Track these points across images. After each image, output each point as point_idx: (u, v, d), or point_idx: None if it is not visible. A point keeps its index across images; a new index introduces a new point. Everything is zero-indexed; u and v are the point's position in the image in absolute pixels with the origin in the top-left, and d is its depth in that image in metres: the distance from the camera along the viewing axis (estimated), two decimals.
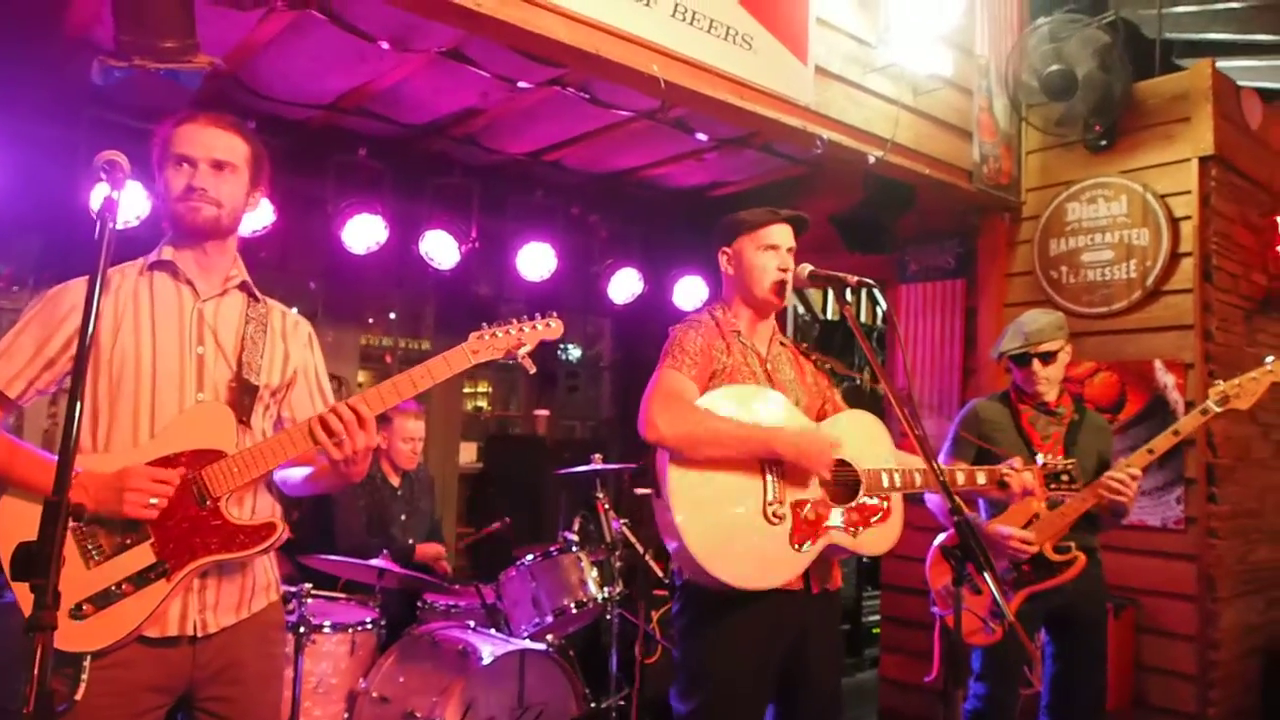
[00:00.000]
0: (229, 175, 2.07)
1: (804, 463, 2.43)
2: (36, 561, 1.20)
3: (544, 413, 6.24)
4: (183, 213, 2.03)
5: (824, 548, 2.50)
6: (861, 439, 2.62)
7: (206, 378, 2.04)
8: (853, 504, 2.54)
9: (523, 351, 2.23)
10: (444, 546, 4.71)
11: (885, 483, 2.56)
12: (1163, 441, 3.20)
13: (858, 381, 7.14)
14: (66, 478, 1.28)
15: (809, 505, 2.49)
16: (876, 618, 5.85)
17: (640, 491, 4.40)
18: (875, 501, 2.59)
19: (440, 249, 4.94)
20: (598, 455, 4.49)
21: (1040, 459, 2.91)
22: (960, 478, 2.74)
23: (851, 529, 2.54)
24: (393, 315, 6.27)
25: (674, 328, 2.65)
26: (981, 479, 2.76)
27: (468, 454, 6.18)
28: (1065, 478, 2.93)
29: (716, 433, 2.40)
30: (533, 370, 2.28)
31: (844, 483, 2.55)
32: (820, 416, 2.71)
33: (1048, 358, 3.34)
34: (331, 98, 4.36)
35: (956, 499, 2.25)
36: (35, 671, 1.13)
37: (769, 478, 2.45)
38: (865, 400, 6.62)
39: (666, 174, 5.46)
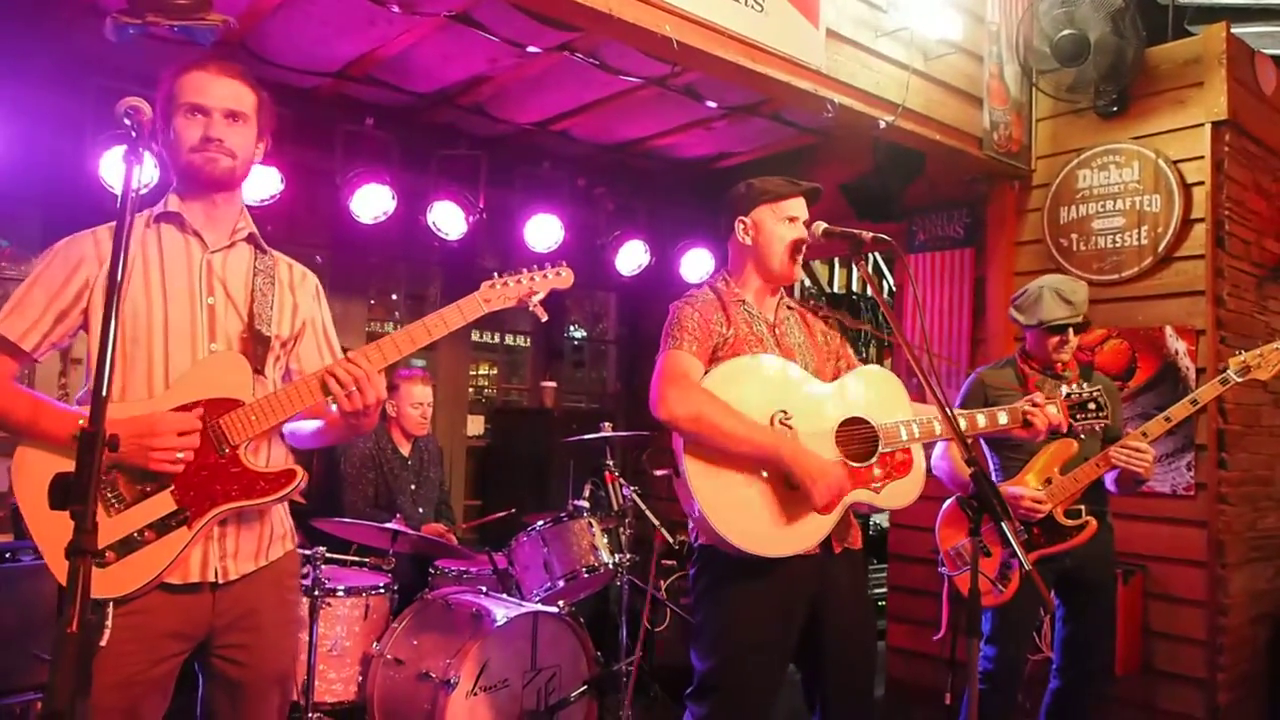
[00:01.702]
0: (241, 126, 2.06)
1: (804, 481, 2.39)
2: (75, 489, 1.20)
3: (551, 384, 6.24)
4: (200, 164, 2.01)
5: (849, 506, 2.51)
6: (876, 395, 2.61)
7: (218, 328, 2.04)
8: (872, 460, 2.53)
9: (535, 300, 2.23)
10: (449, 527, 4.71)
11: (904, 435, 2.55)
12: (1180, 410, 3.21)
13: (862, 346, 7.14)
14: (102, 409, 1.28)
15: None
16: (883, 590, 5.87)
17: (659, 472, 4.42)
18: (896, 455, 2.57)
19: (448, 220, 4.93)
20: (607, 424, 4.49)
21: (1064, 390, 2.82)
22: (981, 420, 2.68)
23: (874, 485, 2.54)
24: (401, 289, 6.28)
25: (673, 305, 2.64)
26: (1004, 419, 2.69)
27: (475, 427, 6.18)
28: (1092, 406, 2.82)
29: (724, 428, 2.40)
30: (544, 318, 2.28)
31: (862, 440, 2.55)
32: (834, 375, 2.70)
33: (1082, 327, 3.36)
34: (340, 65, 4.34)
35: (970, 450, 2.26)
36: (77, 594, 1.14)
37: None
38: None
39: (674, 144, 5.44)
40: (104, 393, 1.32)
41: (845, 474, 2.47)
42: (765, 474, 2.44)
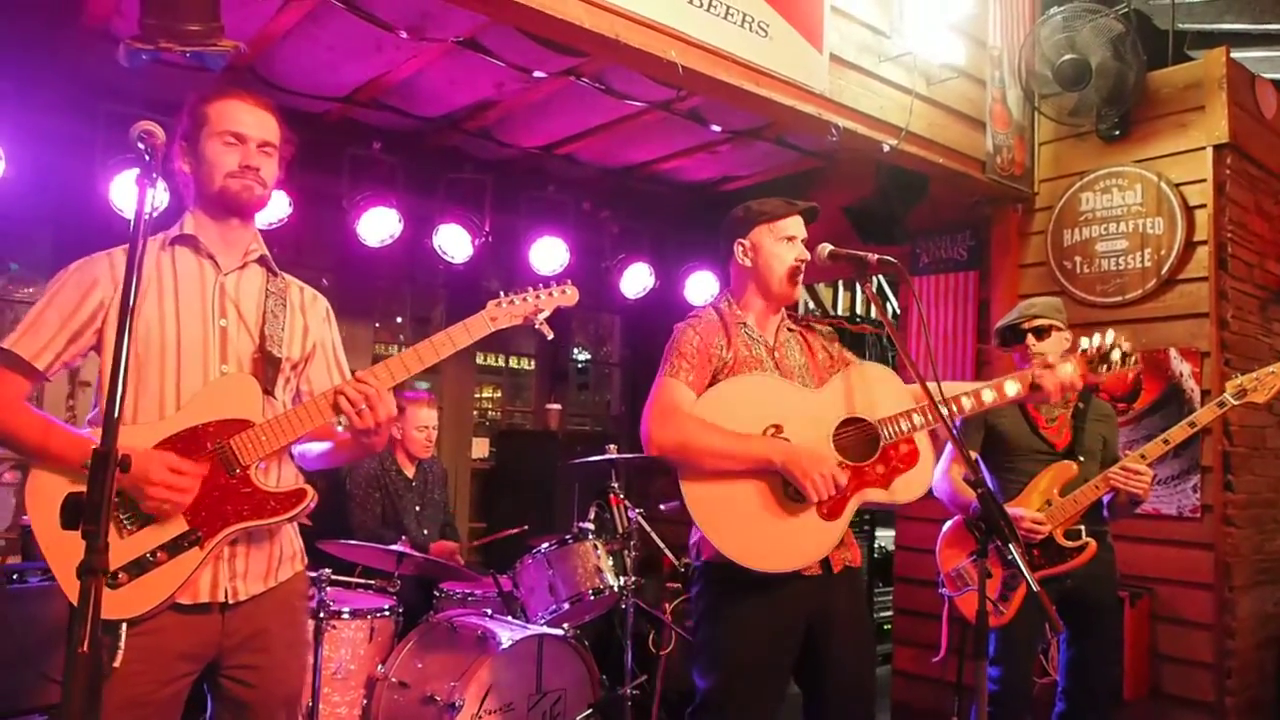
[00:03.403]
0: (272, 157, 2.13)
1: (796, 476, 2.40)
2: (87, 509, 1.21)
3: (555, 407, 6.25)
4: (237, 190, 2.06)
5: (857, 508, 2.50)
6: (872, 391, 2.59)
7: (230, 350, 2.06)
8: (874, 458, 2.51)
9: (540, 318, 2.27)
10: (458, 544, 4.73)
11: (905, 426, 2.52)
12: (1178, 433, 3.21)
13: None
14: (114, 430, 1.30)
15: None
16: (889, 613, 5.84)
17: (664, 507, 4.41)
18: (900, 449, 2.54)
19: (453, 243, 4.97)
20: (612, 446, 4.49)
21: (1084, 343, 2.71)
22: (988, 395, 2.61)
23: (884, 480, 2.52)
24: (406, 312, 6.30)
25: (677, 325, 2.67)
26: (1012, 389, 2.61)
27: (479, 449, 6.19)
28: (1116, 355, 2.69)
29: (713, 446, 2.43)
30: (550, 336, 2.31)
31: (862, 439, 2.54)
32: None
33: (1041, 332, 3.37)
34: (347, 90, 4.38)
35: (976, 470, 2.27)
36: (88, 614, 1.14)
37: None
38: None
39: (678, 168, 5.48)
40: (116, 414, 1.33)
41: (839, 464, 2.45)
42: (763, 490, 2.44)
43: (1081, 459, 3.29)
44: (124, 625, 1.82)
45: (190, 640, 1.95)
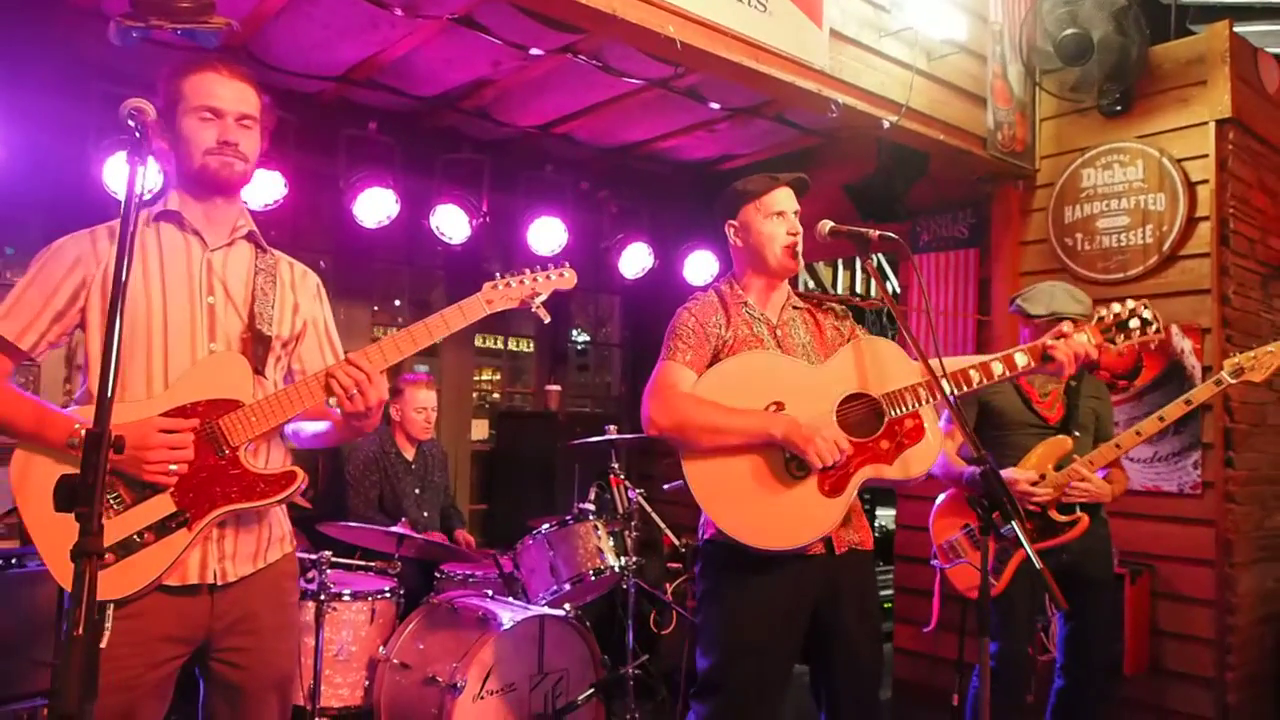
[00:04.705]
0: (252, 129, 2.07)
1: (798, 444, 2.36)
2: (80, 491, 1.20)
3: (555, 388, 6.24)
4: (216, 167, 2.01)
5: (862, 484, 2.46)
6: (878, 365, 2.55)
7: (218, 328, 2.02)
8: (879, 433, 2.48)
9: (538, 301, 2.24)
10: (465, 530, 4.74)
11: (910, 401, 2.49)
12: (1174, 410, 3.22)
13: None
14: (108, 410, 1.28)
15: None
16: (889, 592, 5.85)
17: (668, 486, 4.40)
18: (905, 424, 2.50)
19: (451, 223, 4.94)
20: (612, 427, 4.48)
21: (1101, 311, 2.61)
22: (998, 367, 2.55)
23: (889, 455, 2.48)
24: (404, 294, 6.28)
25: (678, 310, 2.65)
26: (1022, 360, 2.55)
27: (479, 431, 6.18)
28: (1136, 323, 2.56)
29: (710, 422, 2.41)
30: (547, 320, 2.27)
31: (866, 413, 2.50)
32: None
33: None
34: (342, 69, 4.34)
35: (980, 447, 2.25)
36: (84, 596, 1.13)
37: None
38: None
39: (677, 146, 5.44)
40: (109, 394, 1.32)
41: (842, 433, 2.41)
42: (764, 466, 2.42)
43: (1076, 434, 3.30)
44: (110, 607, 1.80)
45: (178, 623, 1.93)
